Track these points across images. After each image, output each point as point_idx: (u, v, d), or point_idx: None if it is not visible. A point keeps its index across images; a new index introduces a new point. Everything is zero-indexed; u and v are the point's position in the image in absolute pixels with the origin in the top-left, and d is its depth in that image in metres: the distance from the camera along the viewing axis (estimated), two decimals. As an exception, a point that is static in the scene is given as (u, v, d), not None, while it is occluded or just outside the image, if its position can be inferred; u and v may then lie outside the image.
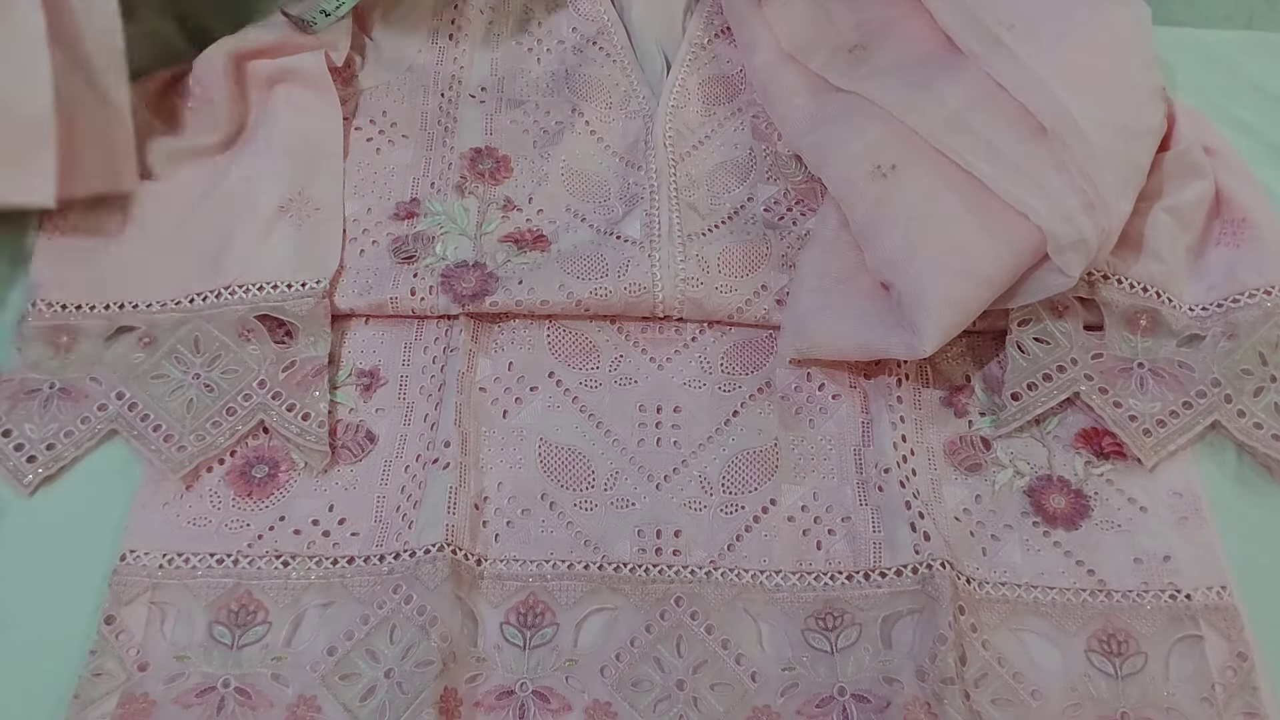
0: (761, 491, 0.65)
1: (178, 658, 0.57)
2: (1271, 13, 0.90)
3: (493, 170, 0.77)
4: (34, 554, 0.61)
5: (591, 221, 0.75)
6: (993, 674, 0.58)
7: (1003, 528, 0.64)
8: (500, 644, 0.59)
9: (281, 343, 0.67)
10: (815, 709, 0.57)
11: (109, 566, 0.60)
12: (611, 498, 0.64)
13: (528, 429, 0.67)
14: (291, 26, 0.76)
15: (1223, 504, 0.65)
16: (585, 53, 0.83)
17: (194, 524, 0.62)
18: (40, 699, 0.56)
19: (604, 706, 0.57)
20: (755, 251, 0.73)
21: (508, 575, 0.61)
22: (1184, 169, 0.72)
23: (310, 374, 0.66)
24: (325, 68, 0.76)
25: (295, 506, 0.63)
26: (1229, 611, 0.60)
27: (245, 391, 0.65)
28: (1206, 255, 0.72)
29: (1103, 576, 0.62)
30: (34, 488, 0.62)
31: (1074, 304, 0.68)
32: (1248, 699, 0.58)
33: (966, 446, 0.67)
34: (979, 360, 0.70)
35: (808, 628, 0.60)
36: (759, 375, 0.69)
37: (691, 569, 0.62)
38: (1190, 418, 0.66)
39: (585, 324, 0.71)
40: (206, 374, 0.65)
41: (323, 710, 0.56)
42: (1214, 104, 0.81)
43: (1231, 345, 0.67)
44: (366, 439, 0.66)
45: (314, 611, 0.60)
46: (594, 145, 0.79)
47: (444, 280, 0.70)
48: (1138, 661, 0.59)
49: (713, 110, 0.81)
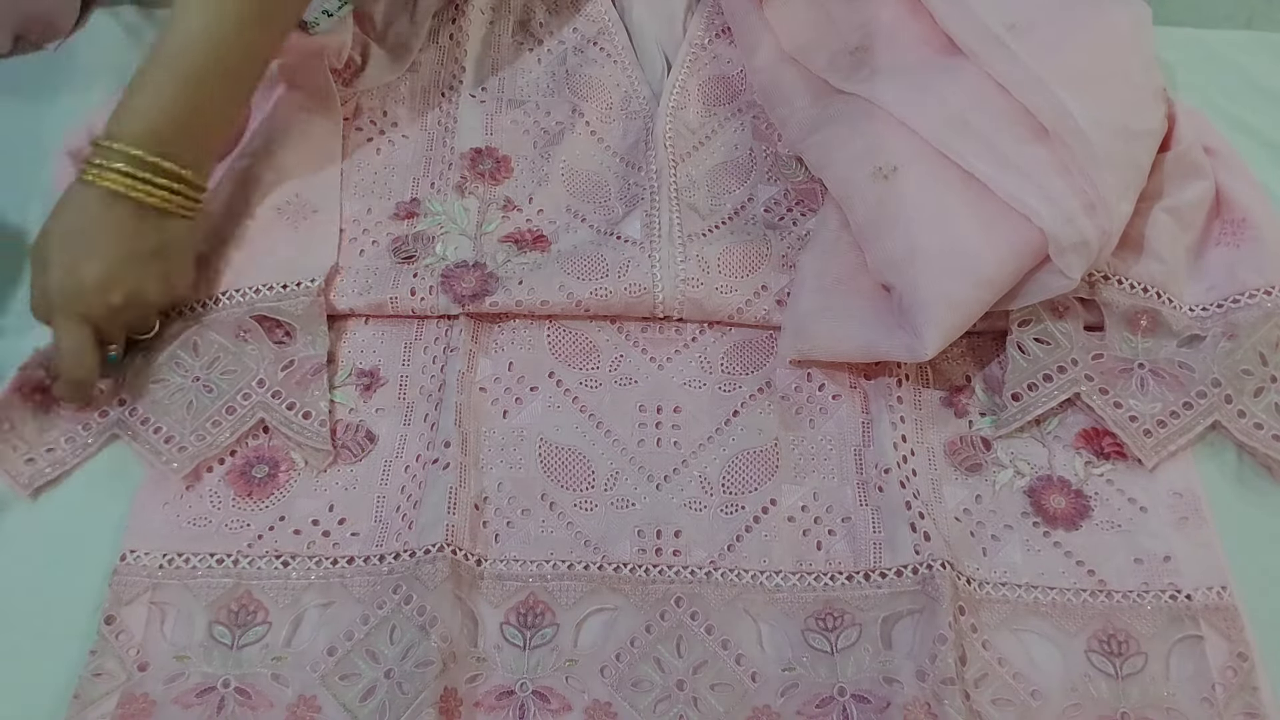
0: (762, 492, 0.65)
1: (178, 658, 0.57)
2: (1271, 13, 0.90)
3: (493, 170, 0.78)
4: (34, 554, 0.61)
5: (591, 222, 0.75)
6: (993, 674, 0.58)
7: (1003, 528, 0.64)
8: (500, 644, 0.59)
9: (281, 343, 0.67)
10: (815, 709, 0.57)
11: (109, 566, 0.60)
12: (611, 498, 0.64)
13: (528, 429, 0.67)
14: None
15: (1223, 504, 0.65)
16: (585, 53, 0.83)
17: (194, 524, 0.62)
18: (40, 699, 0.56)
19: (604, 706, 0.57)
20: (755, 252, 0.73)
21: (508, 575, 0.61)
22: (1184, 169, 0.72)
23: (309, 372, 0.66)
24: (326, 69, 0.76)
25: (295, 506, 0.63)
26: (1229, 611, 0.60)
27: (245, 390, 0.65)
28: (1206, 255, 0.72)
29: (1103, 577, 0.62)
30: (33, 490, 0.62)
31: (1074, 304, 0.68)
32: (1248, 699, 0.58)
33: (967, 446, 0.67)
34: (979, 360, 0.70)
35: (808, 628, 0.60)
36: (759, 375, 0.69)
37: (691, 569, 0.62)
38: (1190, 418, 0.66)
39: (585, 324, 0.71)
40: (206, 376, 0.65)
41: (323, 710, 0.56)
42: (1214, 104, 0.81)
43: (1232, 345, 0.67)
44: (366, 439, 0.66)
45: (314, 611, 0.59)
46: (594, 145, 0.79)
47: (444, 280, 0.70)
48: (1138, 662, 0.59)
49: (713, 111, 0.81)
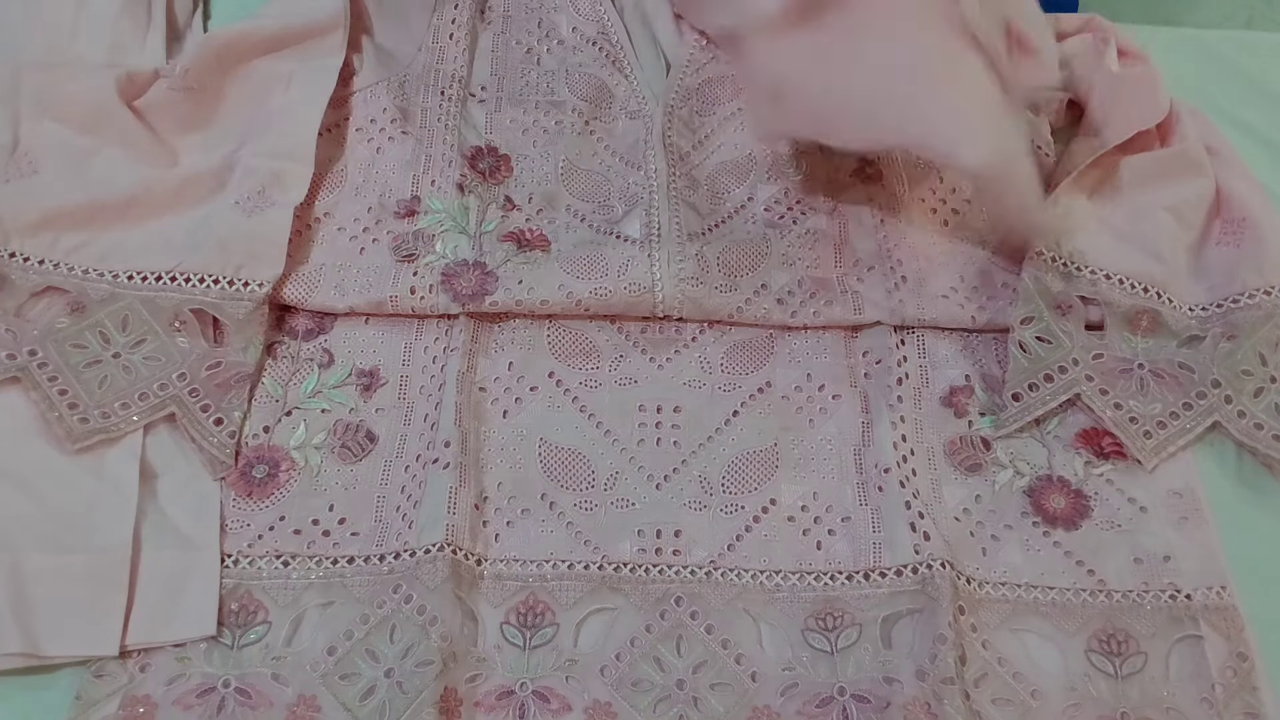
0: (761, 491, 0.65)
1: (179, 658, 0.57)
2: (1271, 13, 0.90)
3: (493, 169, 0.77)
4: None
5: (591, 221, 0.75)
6: (993, 674, 0.58)
7: (1003, 528, 0.64)
8: (500, 644, 0.59)
9: (216, 343, 0.66)
10: (815, 709, 0.57)
11: (109, 566, 0.60)
12: (611, 498, 0.64)
13: (528, 429, 0.67)
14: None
15: (1223, 504, 0.65)
16: (585, 53, 0.83)
17: (194, 524, 0.62)
18: (41, 700, 0.56)
19: (604, 706, 0.57)
20: (755, 251, 0.73)
21: (508, 575, 0.61)
22: (1185, 167, 0.72)
23: (233, 379, 0.65)
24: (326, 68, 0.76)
25: (295, 506, 0.63)
26: (1229, 611, 0.60)
27: (163, 381, 0.64)
28: (1206, 255, 0.72)
29: (1103, 576, 0.62)
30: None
31: (1076, 303, 0.68)
32: (1248, 699, 0.58)
33: (966, 446, 0.67)
34: (979, 360, 0.70)
35: (808, 628, 0.60)
36: (759, 375, 0.69)
37: (691, 569, 0.62)
38: (1190, 419, 0.66)
39: (585, 324, 0.71)
40: (128, 355, 0.65)
41: (323, 710, 0.56)
42: (1214, 104, 0.81)
43: (1232, 346, 0.67)
44: (366, 439, 0.66)
45: (314, 611, 0.59)
46: (594, 145, 0.79)
47: (444, 279, 0.70)
48: (1138, 661, 0.59)
49: (713, 110, 0.81)
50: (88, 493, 0.60)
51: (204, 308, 0.66)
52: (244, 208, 0.69)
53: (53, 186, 0.68)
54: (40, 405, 0.62)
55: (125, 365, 0.64)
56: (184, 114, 0.73)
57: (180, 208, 0.70)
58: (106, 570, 0.58)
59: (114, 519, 0.59)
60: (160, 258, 0.68)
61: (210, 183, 0.71)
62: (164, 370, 0.65)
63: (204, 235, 0.68)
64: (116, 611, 0.57)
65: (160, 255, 0.68)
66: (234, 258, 0.68)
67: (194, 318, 0.66)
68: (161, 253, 0.68)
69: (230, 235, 0.68)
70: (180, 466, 0.63)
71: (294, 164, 0.72)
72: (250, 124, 0.74)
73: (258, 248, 0.68)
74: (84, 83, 0.72)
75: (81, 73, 0.73)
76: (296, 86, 0.75)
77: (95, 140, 0.70)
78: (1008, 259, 0.73)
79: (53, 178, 0.68)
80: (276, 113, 0.74)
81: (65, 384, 0.63)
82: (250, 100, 0.75)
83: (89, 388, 0.63)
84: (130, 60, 0.77)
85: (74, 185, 0.68)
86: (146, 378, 0.64)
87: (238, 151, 0.72)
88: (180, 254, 0.68)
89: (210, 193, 0.71)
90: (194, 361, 0.65)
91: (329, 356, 0.69)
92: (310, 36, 0.77)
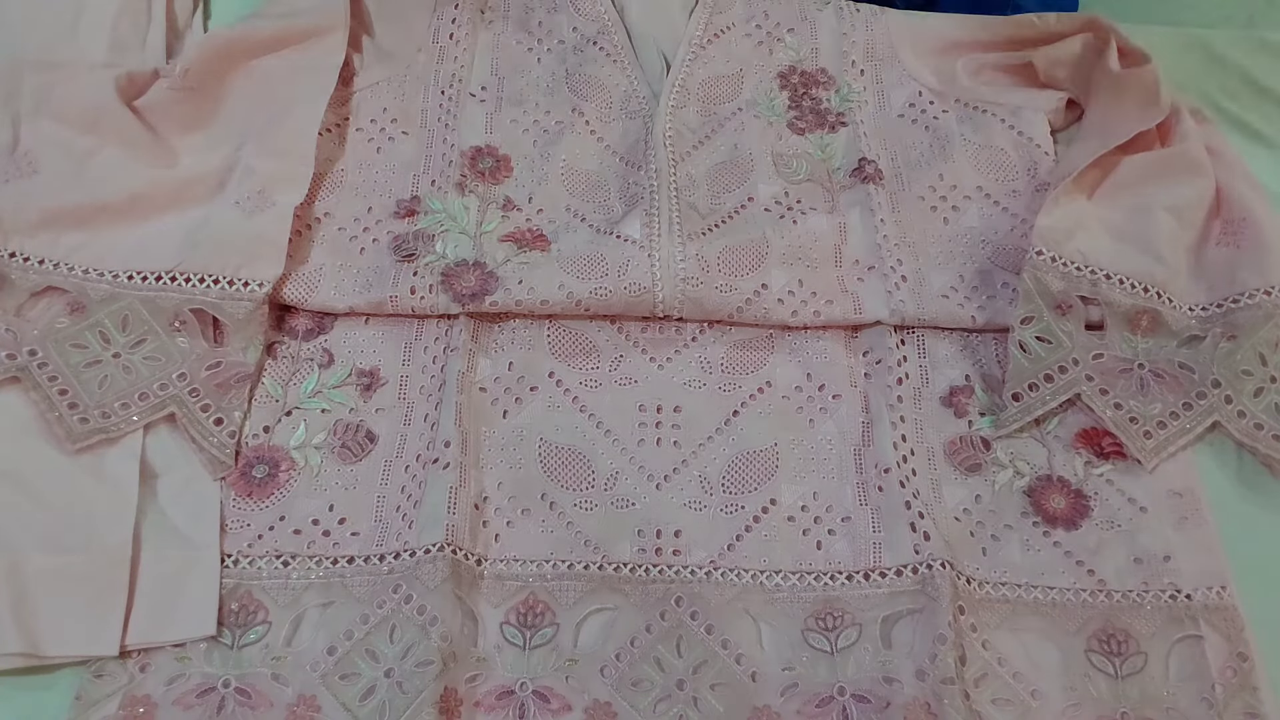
0: (761, 491, 0.65)
1: (179, 658, 0.57)
2: (1271, 13, 0.90)
3: (493, 169, 0.77)
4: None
5: (591, 221, 0.75)
6: (993, 674, 0.58)
7: (1003, 528, 0.64)
8: (500, 644, 0.59)
9: (216, 343, 0.66)
10: (815, 709, 0.57)
11: (109, 566, 0.60)
12: (611, 498, 0.64)
13: (528, 429, 0.67)
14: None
15: (1223, 504, 0.65)
16: (585, 53, 0.83)
17: (194, 524, 0.62)
18: (41, 700, 0.56)
19: (604, 706, 0.57)
20: (756, 251, 0.73)
21: (508, 575, 0.61)
22: (1185, 167, 0.72)
23: (233, 379, 0.65)
24: (327, 68, 0.76)
25: (295, 506, 0.63)
26: (1229, 611, 0.60)
27: (163, 381, 0.64)
28: (1206, 255, 0.72)
29: (1103, 576, 0.62)
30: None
31: (1077, 302, 0.68)
32: (1248, 699, 0.58)
33: (966, 446, 0.67)
34: (979, 360, 0.70)
35: (808, 628, 0.60)
36: (759, 375, 0.69)
37: (691, 569, 0.62)
38: (1191, 419, 0.66)
39: (585, 324, 0.71)
40: (128, 355, 0.65)
41: (323, 710, 0.56)
42: (1214, 104, 0.81)
43: (1232, 346, 0.67)
44: (366, 439, 0.66)
45: (314, 611, 0.59)
46: (594, 145, 0.79)
47: (444, 279, 0.70)
48: (1138, 661, 0.59)
49: (713, 110, 0.81)
50: (88, 493, 0.60)
51: (204, 308, 0.66)
52: (244, 208, 0.69)
53: (53, 186, 0.68)
54: (40, 405, 0.62)
55: (125, 365, 0.64)
56: (184, 114, 0.73)
57: (180, 208, 0.70)
58: (106, 570, 0.58)
59: (114, 519, 0.59)
60: (160, 258, 0.68)
61: (210, 183, 0.71)
62: (164, 370, 0.65)
63: (204, 235, 0.68)
64: (116, 612, 0.57)
65: (160, 255, 0.68)
66: (234, 258, 0.68)
67: (194, 318, 0.66)
68: (161, 253, 0.68)
69: (230, 235, 0.68)
70: (180, 466, 0.63)
71: (294, 164, 0.72)
72: (250, 124, 0.74)
73: (258, 248, 0.68)
74: (84, 82, 0.72)
75: (81, 73, 0.73)
76: (297, 86, 0.75)
77: (95, 140, 0.70)
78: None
79: (53, 178, 0.69)
80: (277, 113, 0.74)
81: (65, 384, 0.63)
82: (250, 100, 0.75)
83: (89, 388, 0.63)
84: (130, 60, 0.77)
85: (74, 185, 0.69)
86: (146, 378, 0.64)
87: (238, 152, 0.72)
88: (180, 254, 0.68)
89: (210, 193, 0.71)
90: (194, 361, 0.65)
91: (329, 356, 0.69)
92: (310, 36, 0.77)
